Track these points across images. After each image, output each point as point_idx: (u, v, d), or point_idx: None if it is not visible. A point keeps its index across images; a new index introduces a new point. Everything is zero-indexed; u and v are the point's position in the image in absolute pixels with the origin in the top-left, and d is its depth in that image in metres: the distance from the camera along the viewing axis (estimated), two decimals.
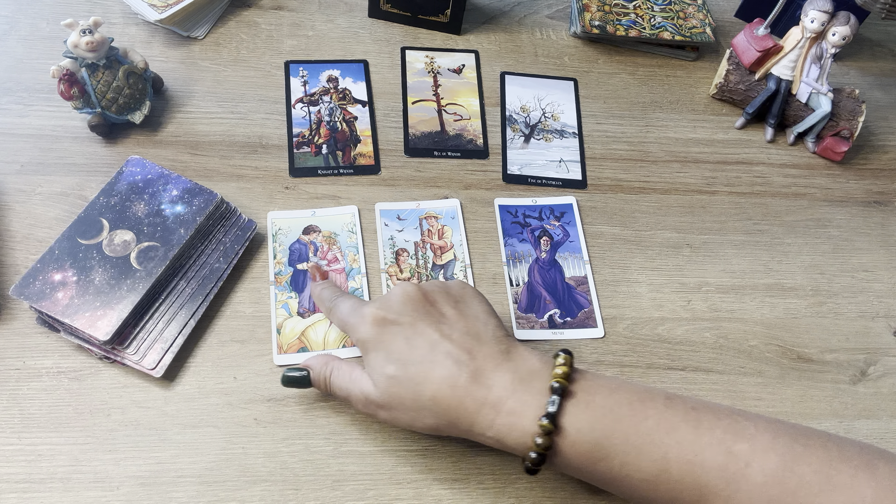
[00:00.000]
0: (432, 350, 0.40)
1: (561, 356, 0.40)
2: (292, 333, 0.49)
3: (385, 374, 0.40)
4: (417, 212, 0.56)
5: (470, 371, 0.39)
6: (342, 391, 0.43)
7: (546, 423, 0.37)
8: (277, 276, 0.51)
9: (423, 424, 0.40)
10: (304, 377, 0.44)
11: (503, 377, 0.39)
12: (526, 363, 0.40)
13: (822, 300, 0.56)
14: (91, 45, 0.51)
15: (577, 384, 0.39)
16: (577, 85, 0.67)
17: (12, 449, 0.43)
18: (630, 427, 0.38)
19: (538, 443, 0.37)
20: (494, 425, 0.38)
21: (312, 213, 0.55)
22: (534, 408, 0.38)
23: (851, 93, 0.65)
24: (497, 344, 0.41)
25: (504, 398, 0.38)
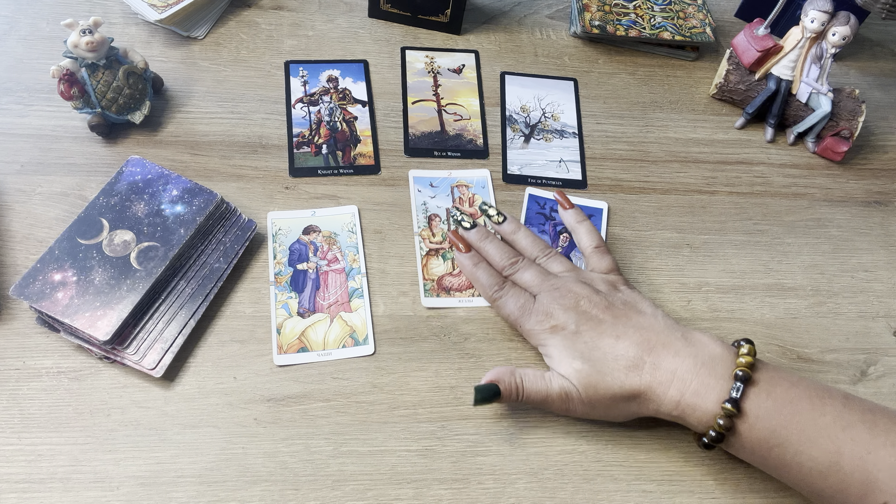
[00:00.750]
0: (614, 348, 0.44)
1: (745, 346, 0.43)
2: (292, 333, 0.49)
3: (574, 369, 0.44)
4: (449, 180, 0.58)
5: (653, 360, 0.43)
6: (539, 394, 0.45)
7: (729, 407, 0.41)
8: (277, 276, 0.51)
9: (617, 412, 0.45)
10: (495, 390, 0.44)
11: (685, 362, 0.43)
12: (706, 349, 0.44)
13: (822, 300, 0.56)
14: (91, 45, 0.51)
15: (759, 373, 0.42)
16: (577, 85, 0.67)
17: (12, 449, 0.43)
18: (807, 419, 0.41)
19: (720, 423, 0.41)
20: (679, 406, 0.42)
21: (312, 213, 0.55)
22: (716, 391, 0.42)
23: (851, 93, 0.65)
24: (672, 331, 0.45)
25: (688, 381, 0.42)
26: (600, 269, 0.50)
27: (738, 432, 0.41)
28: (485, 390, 0.44)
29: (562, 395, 0.44)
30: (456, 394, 0.48)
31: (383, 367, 0.48)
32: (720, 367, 0.43)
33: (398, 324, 0.51)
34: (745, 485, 0.46)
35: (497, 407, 0.48)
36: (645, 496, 0.45)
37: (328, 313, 0.50)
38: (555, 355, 0.46)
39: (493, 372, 0.45)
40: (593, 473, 0.46)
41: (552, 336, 0.46)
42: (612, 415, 0.45)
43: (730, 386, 0.42)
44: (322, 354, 0.48)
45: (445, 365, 0.49)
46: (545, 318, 0.46)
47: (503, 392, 0.44)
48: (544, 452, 0.46)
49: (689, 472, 0.46)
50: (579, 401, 0.44)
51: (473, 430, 0.47)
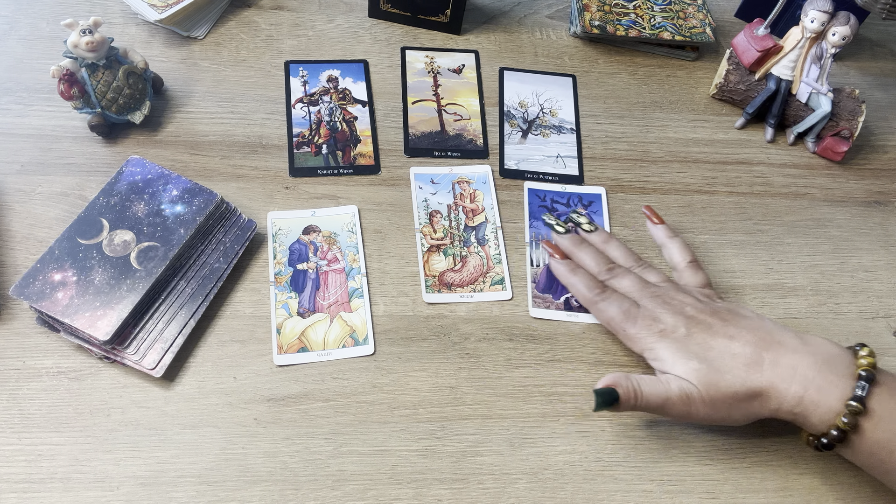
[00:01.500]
0: (729, 346, 0.43)
1: (865, 348, 0.43)
2: (292, 333, 0.49)
3: (692, 368, 0.43)
4: (450, 176, 0.58)
5: (771, 357, 0.43)
6: (658, 397, 0.43)
7: (855, 405, 0.40)
8: (277, 276, 0.51)
9: (739, 414, 0.43)
10: (614, 395, 0.43)
11: (805, 359, 0.42)
12: (824, 347, 0.43)
13: (822, 300, 0.56)
14: (91, 45, 0.51)
15: (881, 375, 0.42)
16: (575, 81, 0.67)
17: (12, 449, 0.43)
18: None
19: (844, 421, 0.40)
20: (802, 402, 0.42)
21: (312, 213, 0.55)
22: (840, 388, 0.41)
23: (851, 93, 0.65)
24: (784, 331, 0.44)
25: (810, 378, 0.42)
26: (695, 284, 0.50)
27: (861, 431, 0.41)
28: (605, 394, 0.43)
29: (682, 397, 0.43)
30: (456, 394, 0.48)
31: (383, 367, 0.48)
32: (841, 365, 0.42)
33: (398, 324, 0.51)
34: (745, 485, 0.46)
35: (497, 407, 0.48)
36: (645, 496, 0.45)
37: (328, 313, 0.50)
38: (667, 358, 0.44)
39: (608, 377, 0.44)
40: (593, 473, 0.46)
41: (661, 340, 0.45)
42: (734, 417, 0.44)
43: (853, 384, 0.41)
44: (322, 354, 0.48)
45: (445, 365, 0.49)
46: (652, 323, 0.46)
47: (622, 396, 0.43)
48: (544, 452, 0.46)
49: (689, 472, 0.47)
50: (701, 401, 0.43)
51: (473, 430, 0.47)
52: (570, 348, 0.51)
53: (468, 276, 0.53)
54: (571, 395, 0.49)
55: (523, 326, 0.52)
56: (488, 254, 0.54)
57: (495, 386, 0.49)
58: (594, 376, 0.50)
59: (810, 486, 0.47)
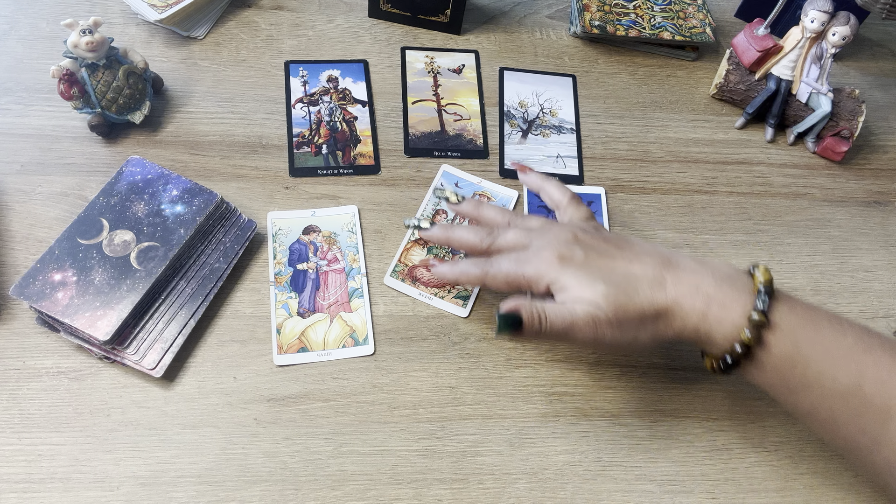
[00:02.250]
0: (630, 268, 0.43)
1: (760, 266, 0.42)
2: (292, 333, 0.49)
3: (598, 291, 0.41)
4: (475, 187, 0.58)
5: (673, 276, 0.42)
6: (563, 321, 0.41)
7: (757, 318, 0.39)
8: (277, 276, 0.51)
9: (645, 336, 0.42)
10: (518, 319, 0.41)
11: (705, 278, 0.42)
12: (721, 267, 0.43)
13: (822, 300, 0.56)
14: (91, 45, 0.51)
15: (778, 291, 0.41)
16: (575, 81, 0.67)
17: (12, 449, 0.43)
18: (830, 338, 0.40)
19: (748, 335, 0.39)
20: (706, 319, 0.41)
21: (312, 213, 0.55)
22: (741, 304, 0.40)
23: (851, 93, 0.65)
24: (680, 255, 0.44)
25: (711, 294, 0.41)
26: (579, 218, 0.48)
27: (766, 345, 0.40)
28: (508, 317, 0.41)
29: (588, 321, 0.41)
30: (456, 394, 0.48)
31: (383, 367, 0.48)
32: (740, 282, 0.42)
33: (398, 324, 0.51)
34: (745, 485, 0.46)
35: (497, 407, 0.48)
36: (645, 496, 0.45)
37: (328, 313, 0.50)
38: (572, 284, 0.42)
39: (510, 301, 0.42)
40: (593, 473, 0.46)
41: (562, 268, 0.42)
42: (640, 339, 0.42)
43: (754, 299, 0.40)
44: (322, 354, 0.48)
45: (445, 365, 0.49)
46: (548, 252, 0.43)
47: (525, 320, 0.41)
48: (544, 452, 0.46)
49: (689, 472, 0.47)
50: (608, 323, 0.41)
51: (473, 430, 0.47)
52: (570, 348, 0.51)
53: (437, 280, 0.52)
54: (571, 395, 0.49)
55: None
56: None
57: (495, 386, 0.49)
58: (594, 376, 0.50)
59: (810, 485, 0.47)
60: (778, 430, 0.49)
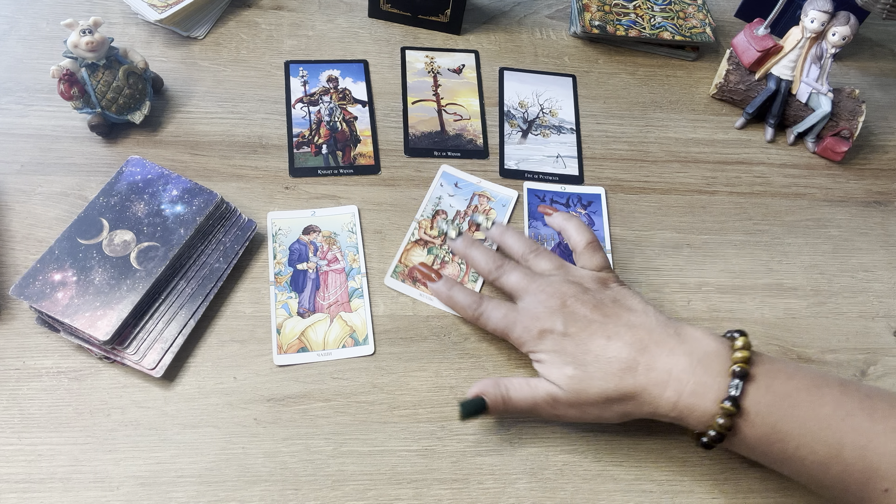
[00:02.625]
0: (605, 350, 0.43)
1: (739, 339, 0.42)
2: (292, 333, 0.49)
3: (565, 375, 0.43)
4: (475, 187, 0.58)
5: (647, 360, 0.42)
6: (526, 402, 0.44)
7: (728, 406, 0.40)
8: (277, 276, 0.51)
9: (611, 414, 0.43)
10: (481, 403, 0.44)
11: (680, 360, 0.42)
12: (700, 345, 0.43)
13: (822, 300, 0.56)
14: (91, 45, 0.51)
15: (756, 367, 0.41)
16: (575, 81, 0.67)
17: (12, 449, 0.43)
18: (807, 412, 0.40)
19: (720, 423, 0.40)
20: (677, 407, 0.41)
21: (312, 213, 0.55)
22: (714, 390, 0.41)
23: (851, 93, 0.65)
24: (665, 329, 0.44)
25: (684, 381, 0.41)
26: (591, 267, 0.49)
27: (738, 430, 0.41)
28: (471, 405, 0.44)
29: (548, 401, 0.43)
30: (456, 394, 0.48)
31: (383, 367, 0.48)
32: (716, 363, 0.41)
33: (398, 324, 0.51)
34: (744, 485, 0.46)
35: None
36: (645, 496, 0.45)
37: (328, 313, 0.50)
38: (546, 361, 0.44)
39: (476, 386, 0.45)
40: (593, 473, 0.46)
41: (541, 341, 0.44)
42: (606, 417, 0.44)
43: (727, 383, 0.41)
44: (322, 354, 0.48)
45: (445, 365, 0.49)
46: (532, 323, 0.45)
47: (490, 404, 0.44)
48: (544, 452, 0.46)
49: (689, 472, 0.47)
50: (567, 404, 0.43)
51: (473, 430, 0.47)
52: None
53: None
54: None
55: None
56: (468, 269, 0.54)
57: None
58: None
59: None
60: None
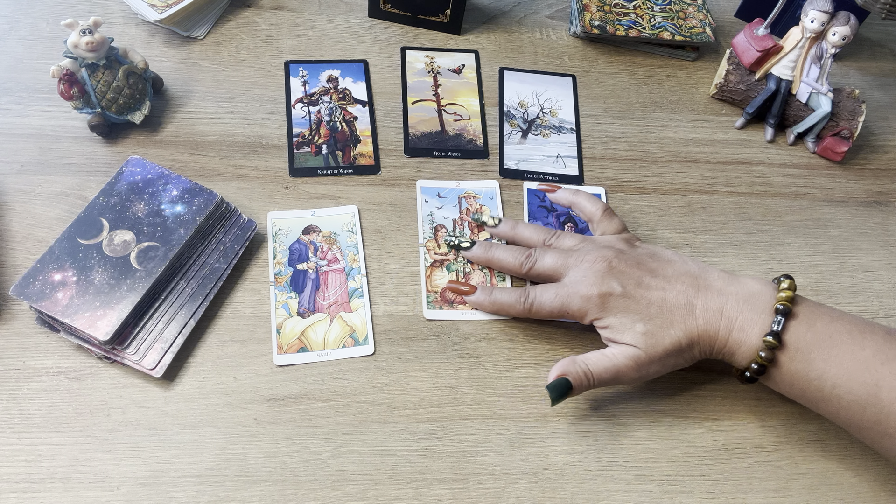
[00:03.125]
0: (664, 300, 0.45)
1: (785, 281, 0.44)
2: (292, 333, 0.49)
3: (638, 333, 0.44)
4: (457, 191, 0.58)
5: (701, 302, 0.45)
6: (609, 372, 0.44)
7: (771, 340, 0.42)
8: (277, 276, 0.51)
9: (684, 360, 0.46)
10: (567, 384, 0.44)
11: (729, 300, 0.44)
12: (746, 286, 0.45)
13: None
14: (91, 45, 0.51)
15: (799, 307, 0.44)
16: (575, 81, 0.67)
17: (12, 449, 0.43)
18: (846, 353, 0.42)
19: (762, 356, 0.43)
20: (729, 342, 0.44)
21: (312, 213, 0.55)
22: (759, 325, 0.43)
23: (851, 93, 0.65)
24: (707, 273, 0.46)
25: (733, 318, 0.44)
26: (612, 231, 0.51)
27: (779, 364, 0.43)
28: (557, 387, 0.44)
29: (631, 365, 0.44)
30: (456, 394, 0.48)
31: (383, 367, 0.48)
32: (761, 302, 0.44)
33: (398, 324, 0.51)
34: (745, 485, 0.46)
35: (497, 407, 0.48)
36: (645, 496, 0.45)
37: (328, 313, 0.50)
38: (615, 324, 0.45)
39: (556, 367, 0.45)
40: (593, 473, 0.46)
41: (604, 307, 0.45)
42: (679, 365, 0.46)
43: (771, 319, 0.43)
44: (322, 354, 0.48)
45: (445, 365, 0.49)
46: (590, 290, 0.45)
47: (574, 383, 0.44)
48: (544, 452, 0.46)
49: (689, 472, 0.47)
50: (649, 362, 0.44)
51: (473, 430, 0.47)
52: (570, 348, 0.51)
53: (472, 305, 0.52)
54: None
55: (523, 326, 0.52)
56: (492, 271, 0.54)
57: (495, 386, 0.49)
58: None
59: (810, 486, 0.47)
60: (778, 430, 0.49)
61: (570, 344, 0.51)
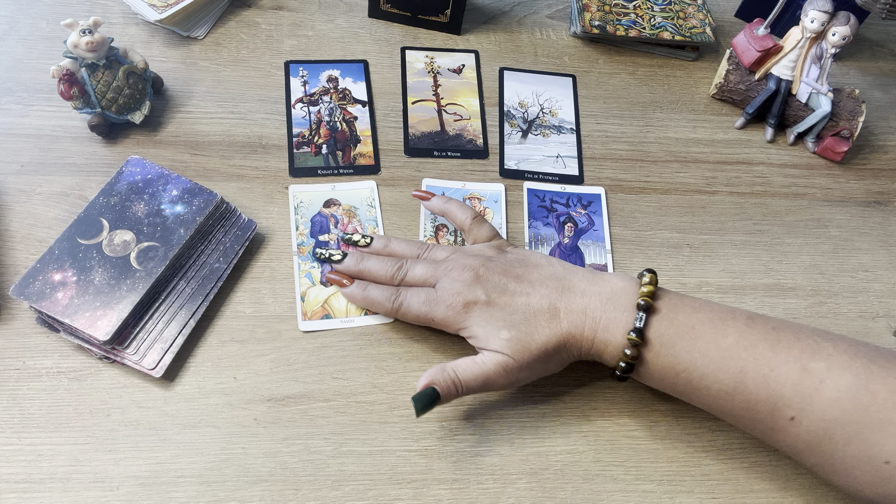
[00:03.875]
0: (528, 305, 0.44)
1: (646, 276, 0.44)
2: (316, 301, 0.50)
3: (503, 339, 0.44)
4: (462, 192, 0.58)
5: (565, 304, 0.44)
6: (477, 380, 0.44)
7: (633, 337, 0.42)
8: (300, 246, 0.53)
9: (554, 364, 0.45)
10: (433, 394, 0.43)
11: (592, 300, 0.44)
12: (609, 284, 0.45)
13: (822, 300, 0.56)
14: (91, 45, 0.51)
15: (661, 301, 0.44)
16: (575, 81, 0.67)
17: (12, 449, 0.43)
18: (710, 343, 0.42)
19: (627, 353, 0.43)
20: (595, 343, 0.44)
21: (332, 187, 0.56)
22: (622, 324, 0.43)
23: (851, 93, 0.65)
24: (573, 274, 0.46)
25: (597, 318, 0.44)
26: (483, 239, 0.51)
27: (645, 361, 0.43)
28: (423, 397, 0.42)
29: (500, 371, 0.44)
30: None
31: (383, 367, 0.48)
32: (624, 299, 0.44)
33: (398, 323, 0.50)
34: (745, 485, 0.46)
35: (497, 406, 0.48)
36: (645, 496, 0.45)
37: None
38: (480, 334, 0.44)
39: (425, 376, 0.44)
40: (593, 473, 0.46)
41: (468, 315, 0.45)
42: (551, 368, 0.45)
43: (634, 316, 0.43)
44: (345, 321, 0.50)
45: None
46: (454, 299, 0.45)
47: (441, 392, 0.43)
48: (544, 452, 0.46)
49: (689, 472, 0.47)
50: (518, 368, 0.44)
51: (473, 430, 0.47)
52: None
53: None
54: (571, 395, 0.49)
55: None
56: None
57: None
58: (594, 376, 0.50)
59: (810, 486, 0.47)
60: None
61: None
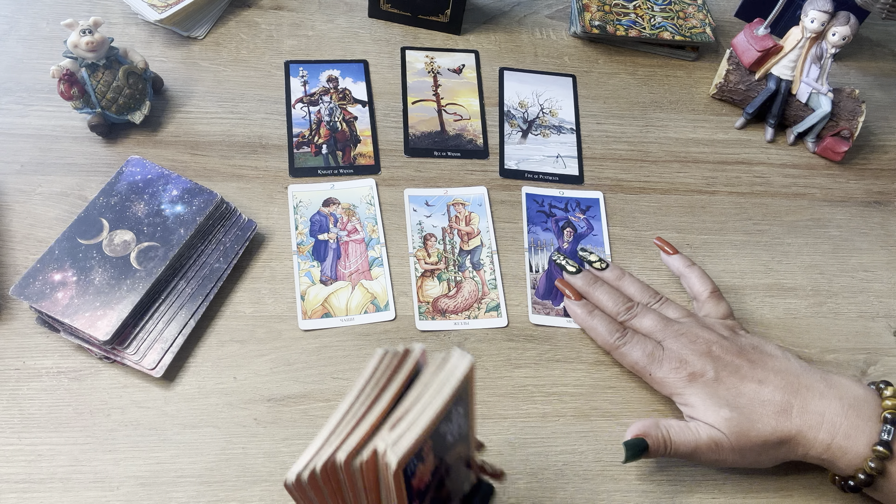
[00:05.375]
0: (758, 393, 0.43)
1: (887, 388, 0.43)
2: (316, 300, 0.50)
3: (722, 418, 0.43)
4: (445, 198, 0.57)
5: (800, 403, 0.43)
6: (688, 446, 0.43)
7: (881, 450, 0.41)
8: (300, 245, 0.53)
9: (767, 458, 0.44)
10: (644, 445, 0.43)
11: (832, 404, 0.43)
12: (849, 390, 0.44)
13: (822, 300, 0.56)
14: (91, 45, 0.51)
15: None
16: (575, 81, 0.67)
17: (12, 449, 0.43)
18: None
19: (871, 466, 0.41)
20: (829, 449, 0.42)
21: (332, 185, 0.56)
22: (866, 434, 0.42)
23: (851, 93, 0.65)
24: (810, 373, 0.45)
25: (837, 424, 0.42)
26: (717, 315, 0.49)
27: (888, 474, 0.41)
28: (634, 446, 0.42)
29: (711, 446, 0.43)
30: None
31: None
32: (867, 408, 0.43)
33: (399, 324, 0.50)
34: (745, 485, 0.46)
35: (497, 407, 0.48)
36: (645, 496, 0.45)
37: (349, 281, 0.52)
38: (697, 404, 0.44)
39: (637, 425, 0.44)
40: (593, 473, 0.46)
41: (690, 385, 0.44)
42: (761, 461, 0.44)
43: (879, 428, 0.42)
44: (345, 320, 0.50)
45: None
46: (680, 366, 0.45)
47: (651, 446, 0.43)
48: (544, 452, 0.46)
49: (689, 471, 0.47)
50: (730, 449, 0.43)
51: None
52: (569, 348, 0.51)
53: (462, 303, 0.52)
54: (571, 395, 0.49)
55: (523, 327, 0.52)
56: (483, 279, 0.53)
57: (495, 386, 0.49)
58: (594, 376, 0.50)
59: (810, 486, 0.47)
60: None
61: (570, 344, 0.51)
